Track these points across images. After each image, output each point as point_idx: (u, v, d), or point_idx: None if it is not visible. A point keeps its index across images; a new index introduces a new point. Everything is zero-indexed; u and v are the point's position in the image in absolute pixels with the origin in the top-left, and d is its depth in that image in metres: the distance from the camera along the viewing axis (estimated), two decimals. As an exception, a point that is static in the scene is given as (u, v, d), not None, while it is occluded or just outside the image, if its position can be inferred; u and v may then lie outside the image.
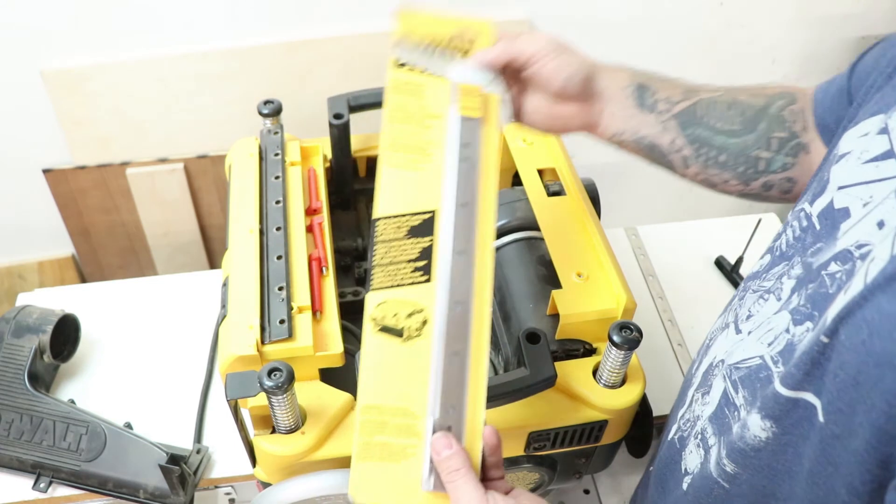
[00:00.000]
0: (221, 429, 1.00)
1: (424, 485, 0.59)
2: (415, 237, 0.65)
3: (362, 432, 0.60)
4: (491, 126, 0.69)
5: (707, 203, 2.01)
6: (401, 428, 0.60)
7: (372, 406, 0.60)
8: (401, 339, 0.62)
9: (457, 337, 0.62)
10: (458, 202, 0.65)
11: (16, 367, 0.97)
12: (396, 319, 0.63)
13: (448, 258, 0.64)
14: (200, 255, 1.70)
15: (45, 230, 1.62)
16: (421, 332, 0.62)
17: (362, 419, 0.60)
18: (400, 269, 0.64)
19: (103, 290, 1.20)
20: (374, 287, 0.64)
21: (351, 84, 1.07)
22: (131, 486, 0.93)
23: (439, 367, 0.61)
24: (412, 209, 0.65)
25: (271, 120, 1.02)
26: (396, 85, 0.72)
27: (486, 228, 0.65)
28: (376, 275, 0.64)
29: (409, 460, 0.59)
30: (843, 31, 1.69)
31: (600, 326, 0.81)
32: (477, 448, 0.59)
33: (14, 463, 0.95)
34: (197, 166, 1.55)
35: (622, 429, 0.85)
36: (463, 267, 0.63)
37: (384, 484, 0.59)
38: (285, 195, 0.93)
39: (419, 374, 0.61)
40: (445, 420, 0.60)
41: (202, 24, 1.37)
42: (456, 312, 0.62)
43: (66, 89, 1.40)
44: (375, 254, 0.65)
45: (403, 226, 0.65)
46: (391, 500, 0.59)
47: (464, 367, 0.61)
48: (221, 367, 0.78)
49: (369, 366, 0.62)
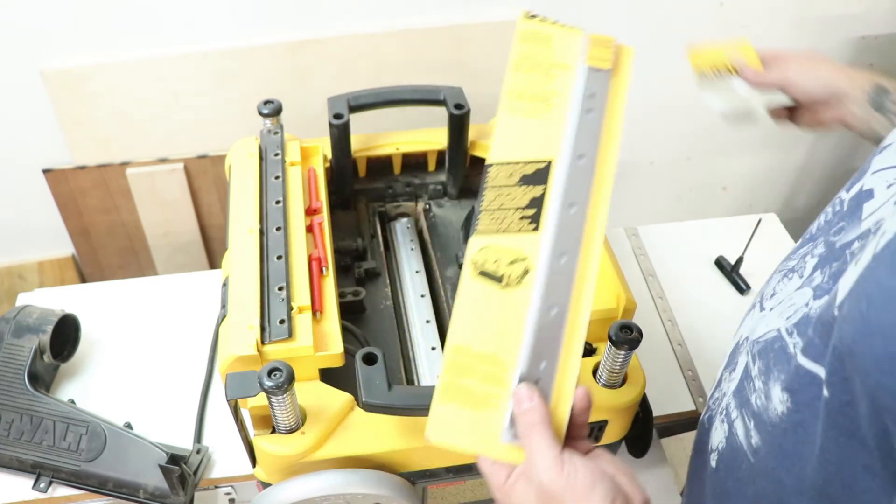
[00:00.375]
0: (221, 429, 1.00)
1: (504, 436, 0.58)
2: (526, 185, 0.63)
3: (447, 372, 0.59)
4: (621, 79, 0.68)
5: (707, 203, 2.01)
6: (487, 375, 0.58)
7: (461, 348, 0.59)
8: (499, 285, 0.61)
9: (558, 290, 0.60)
10: (576, 153, 0.63)
11: (16, 367, 0.97)
12: (497, 266, 0.61)
13: (558, 209, 0.62)
14: (200, 255, 1.70)
15: (45, 230, 1.62)
16: (521, 281, 0.60)
17: (449, 360, 0.59)
18: (508, 215, 0.62)
19: (103, 290, 1.20)
20: (479, 231, 0.62)
21: (351, 84, 1.07)
22: (131, 486, 0.93)
23: (535, 318, 0.59)
24: (527, 157, 0.64)
25: (271, 120, 1.02)
26: (525, 34, 0.70)
27: (603, 182, 0.63)
28: (482, 219, 0.63)
29: (491, 409, 0.58)
30: (844, 31, 1.69)
31: (600, 326, 0.81)
32: (564, 407, 0.58)
33: (14, 463, 0.95)
34: (197, 166, 1.55)
35: (622, 429, 0.85)
36: (573, 219, 0.61)
37: (463, 428, 0.58)
38: (285, 195, 0.93)
39: (513, 324, 0.59)
40: (534, 373, 0.58)
41: (202, 24, 1.37)
42: (560, 265, 0.60)
43: (66, 89, 1.40)
44: (484, 199, 0.63)
45: (516, 173, 0.64)
46: (469, 445, 0.58)
47: (562, 322, 0.59)
48: (221, 367, 0.78)
49: (463, 308, 0.60)
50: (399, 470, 0.80)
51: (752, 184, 2.00)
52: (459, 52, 1.48)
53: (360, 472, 0.77)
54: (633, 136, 1.03)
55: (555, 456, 0.55)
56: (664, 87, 1.54)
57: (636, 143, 1.71)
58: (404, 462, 0.79)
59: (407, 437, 0.77)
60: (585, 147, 0.63)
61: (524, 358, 0.59)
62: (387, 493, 0.77)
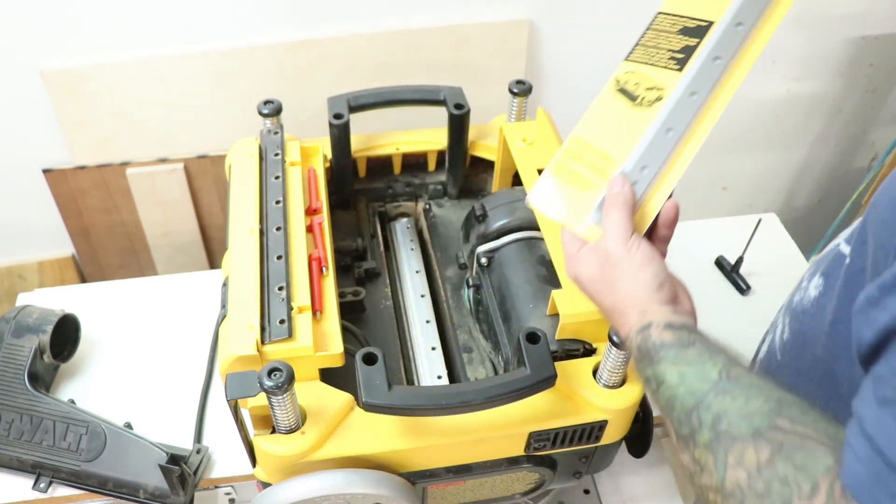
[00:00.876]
0: (221, 429, 1.00)
1: (591, 216, 0.68)
2: (684, 35, 0.71)
3: (563, 155, 0.71)
4: None
5: (707, 203, 2.01)
6: (595, 165, 0.69)
7: (581, 140, 0.71)
8: (632, 102, 0.70)
9: (679, 118, 0.68)
10: (734, 21, 0.70)
11: (16, 367, 0.97)
12: (636, 87, 0.71)
13: (703, 59, 0.69)
14: (200, 255, 1.70)
15: (45, 230, 1.62)
16: (651, 105, 0.69)
17: (568, 147, 0.71)
18: (660, 53, 0.71)
19: (103, 290, 1.20)
20: (630, 59, 0.73)
21: (351, 84, 1.07)
22: (131, 486, 0.93)
23: (652, 133, 0.68)
24: (693, 14, 0.72)
25: (271, 120, 1.02)
26: None
27: (751, 48, 0.70)
28: (637, 50, 0.73)
29: (590, 192, 0.68)
30: (844, 31, 1.69)
31: (600, 326, 0.81)
32: (652, 207, 0.67)
33: (14, 463, 0.95)
34: (197, 166, 1.55)
35: (622, 429, 0.85)
36: (714, 68, 0.69)
37: (559, 202, 0.70)
38: (285, 195, 0.93)
39: (632, 135, 0.68)
40: (634, 174, 0.67)
41: (202, 24, 1.37)
42: (689, 100, 0.68)
43: (66, 89, 1.40)
44: (645, 36, 0.73)
45: (679, 23, 0.72)
46: (559, 216, 0.69)
47: (673, 143, 0.68)
48: (221, 367, 0.78)
49: (595, 113, 0.72)
50: (399, 470, 0.80)
51: (752, 184, 2.00)
52: (459, 52, 1.48)
53: (360, 472, 0.77)
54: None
55: (625, 229, 0.65)
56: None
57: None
58: (404, 462, 0.79)
59: (407, 437, 0.77)
60: (744, 17, 0.71)
61: (631, 161, 0.68)
62: (387, 493, 0.77)
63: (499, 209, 0.97)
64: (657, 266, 0.64)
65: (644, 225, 0.67)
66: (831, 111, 1.86)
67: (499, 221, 0.96)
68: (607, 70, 0.75)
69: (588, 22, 1.50)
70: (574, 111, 1.67)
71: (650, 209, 0.67)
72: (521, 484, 0.89)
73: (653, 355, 0.60)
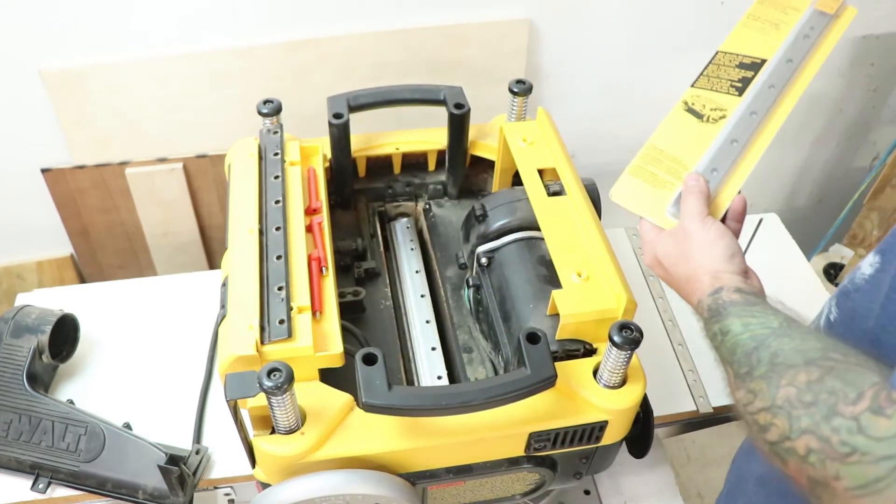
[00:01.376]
0: (221, 429, 1.00)
1: (668, 210, 0.79)
2: (741, 69, 0.87)
3: (641, 158, 0.84)
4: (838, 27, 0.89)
5: (707, 203, 2.01)
6: (670, 168, 0.82)
7: (657, 147, 0.84)
8: (700, 120, 0.84)
9: (741, 131, 0.82)
10: (785, 58, 0.87)
11: (14, 367, 0.97)
12: (703, 108, 0.85)
13: (759, 86, 0.85)
14: (200, 255, 1.69)
15: (44, 230, 1.61)
16: (716, 122, 0.84)
17: (645, 152, 0.84)
18: (721, 81, 0.87)
19: (102, 291, 1.20)
20: (696, 86, 0.88)
21: (351, 84, 1.07)
22: (130, 487, 0.93)
23: (719, 143, 0.82)
24: (749, 53, 0.88)
25: (271, 120, 1.02)
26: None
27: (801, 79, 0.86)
28: (701, 80, 0.88)
29: (666, 191, 0.81)
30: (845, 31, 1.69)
31: (600, 326, 0.81)
32: (724, 199, 0.79)
33: (12, 463, 0.95)
34: (196, 166, 1.54)
35: (623, 429, 0.84)
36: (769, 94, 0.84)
37: (639, 197, 0.81)
38: (285, 195, 0.93)
39: (701, 145, 0.83)
40: (706, 176, 0.80)
41: (202, 24, 1.37)
42: (749, 117, 0.83)
43: (66, 89, 1.39)
44: (708, 69, 0.88)
45: (736, 60, 0.88)
46: (639, 210, 0.81)
47: (737, 152, 0.81)
48: (221, 367, 0.78)
49: (667, 126, 0.85)
50: (399, 470, 0.80)
51: (753, 184, 1.99)
52: (459, 51, 1.48)
53: (360, 472, 0.76)
54: (633, 135, 1.03)
55: (700, 210, 0.75)
56: (664, 86, 1.54)
57: (637, 143, 1.70)
58: (404, 462, 0.79)
59: (407, 438, 0.77)
60: (795, 55, 0.87)
61: (702, 164, 0.81)
62: (387, 494, 0.77)
63: (499, 209, 0.97)
64: (730, 240, 0.74)
65: (717, 216, 0.77)
66: (832, 111, 1.85)
67: (499, 221, 0.96)
68: (607, 70, 0.75)
69: (588, 22, 1.50)
70: (574, 111, 1.68)
71: (722, 202, 0.79)
72: (522, 484, 0.88)
73: (721, 312, 0.67)
